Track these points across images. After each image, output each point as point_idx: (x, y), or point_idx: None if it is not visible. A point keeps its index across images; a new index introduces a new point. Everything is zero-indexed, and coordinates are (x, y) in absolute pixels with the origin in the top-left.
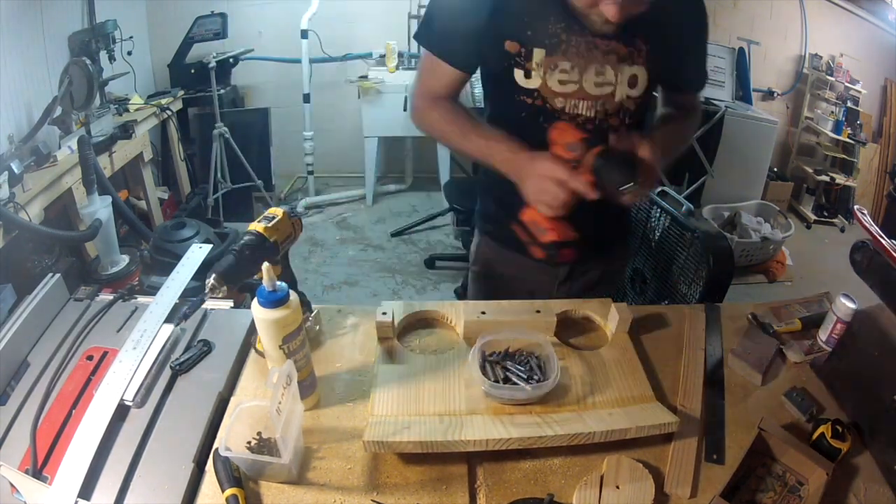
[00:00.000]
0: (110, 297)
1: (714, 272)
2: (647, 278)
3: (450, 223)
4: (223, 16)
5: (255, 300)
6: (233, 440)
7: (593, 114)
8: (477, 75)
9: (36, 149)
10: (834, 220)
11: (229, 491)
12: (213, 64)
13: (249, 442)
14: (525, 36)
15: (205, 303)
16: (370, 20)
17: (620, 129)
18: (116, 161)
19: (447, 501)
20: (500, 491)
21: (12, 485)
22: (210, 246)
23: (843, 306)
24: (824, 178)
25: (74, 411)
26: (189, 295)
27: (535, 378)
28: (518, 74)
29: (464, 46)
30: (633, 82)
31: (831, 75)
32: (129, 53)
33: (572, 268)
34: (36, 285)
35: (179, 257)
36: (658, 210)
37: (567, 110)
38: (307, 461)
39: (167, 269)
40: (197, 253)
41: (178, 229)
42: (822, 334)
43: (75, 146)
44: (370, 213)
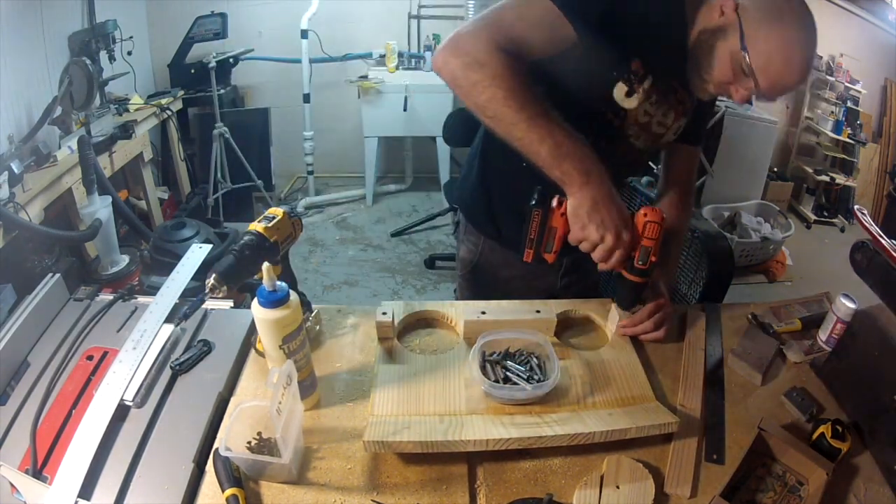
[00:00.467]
0: (110, 297)
1: (714, 272)
2: None
3: (450, 223)
4: (223, 16)
5: (255, 300)
6: (233, 440)
7: (643, 148)
8: None
9: (36, 149)
10: (834, 220)
11: (229, 491)
12: (213, 64)
13: (249, 442)
14: (651, 59)
15: (205, 303)
16: (370, 20)
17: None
18: (116, 161)
19: (447, 501)
20: (500, 491)
21: (12, 485)
22: (210, 246)
23: (843, 306)
24: (824, 178)
25: (74, 411)
26: (189, 295)
27: (535, 378)
28: (619, 90)
29: (601, 28)
30: (677, 131)
31: (831, 75)
32: (129, 53)
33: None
34: (36, 285)
35: (179, 257)
36: None
37: (632, 139)
38: (307, 461)
39: (167, 269)
40: (197, 253)
41: (178, 229)
42: (822, 334)
43: (75, 146)
44: (370, 213)
